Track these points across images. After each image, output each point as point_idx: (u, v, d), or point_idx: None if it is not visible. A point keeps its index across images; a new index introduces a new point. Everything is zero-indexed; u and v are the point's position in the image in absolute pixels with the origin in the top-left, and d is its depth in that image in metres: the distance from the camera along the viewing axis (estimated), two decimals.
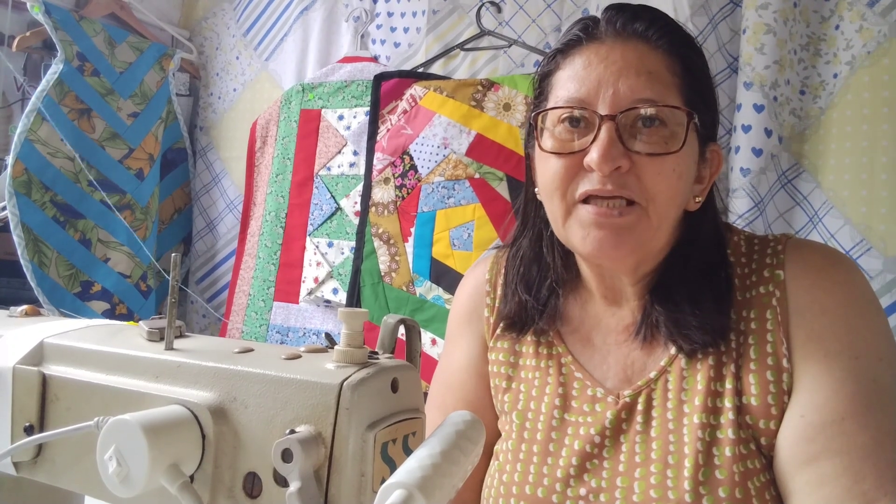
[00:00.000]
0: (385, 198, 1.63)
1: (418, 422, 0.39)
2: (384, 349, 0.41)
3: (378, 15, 1.76)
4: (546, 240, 0.74)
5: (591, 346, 0.72)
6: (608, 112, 0.60)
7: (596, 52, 0.63)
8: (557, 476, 0.67)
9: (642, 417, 0.66)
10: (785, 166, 1.27)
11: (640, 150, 0.60)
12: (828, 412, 0.57)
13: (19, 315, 0.54)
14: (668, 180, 0.61)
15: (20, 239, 1.56)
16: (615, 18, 0.65)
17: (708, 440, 0.61)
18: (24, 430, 0.44)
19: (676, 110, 0.61)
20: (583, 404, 0.70)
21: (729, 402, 0.62)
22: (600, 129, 0.60)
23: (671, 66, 0.63)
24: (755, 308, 0.64)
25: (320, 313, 1.73)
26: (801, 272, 0.64)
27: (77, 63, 1.70)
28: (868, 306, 0.62)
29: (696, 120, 0.62)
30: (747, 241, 0.69)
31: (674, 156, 0.61)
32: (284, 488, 0.34)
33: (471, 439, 0.36)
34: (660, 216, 0.62)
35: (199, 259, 2.02)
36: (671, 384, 0.66)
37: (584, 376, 0.71)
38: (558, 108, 0.64)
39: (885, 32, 1.18)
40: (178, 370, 0.40)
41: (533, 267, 0.76)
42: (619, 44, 0.63)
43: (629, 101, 0.60)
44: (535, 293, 0.75)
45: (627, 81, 0.61)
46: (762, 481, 0.60)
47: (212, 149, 2.02)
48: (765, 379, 0.62)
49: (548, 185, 0.65)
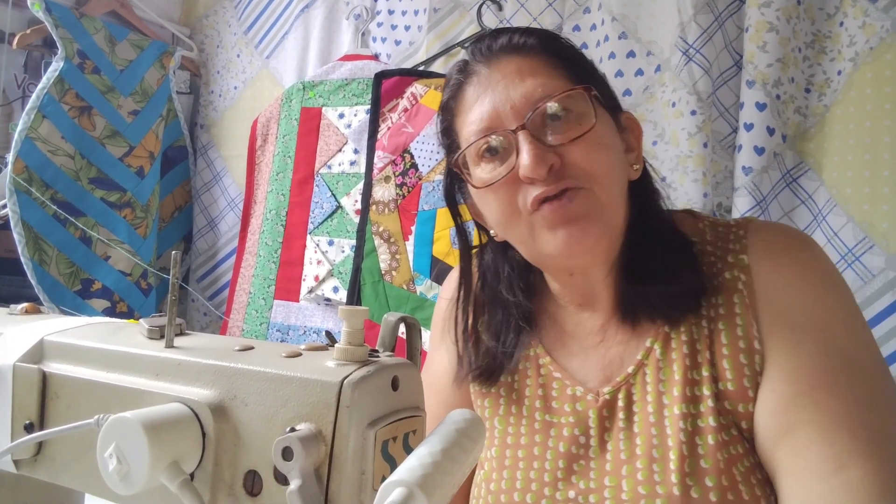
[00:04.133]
0: (386, 196, 1.63)
1: (419, 420, 0.39)
2: (384, 347, 0.41)
3: (379, 13, 1.76)
4: (504, 281, 0.74)
5: (570, 352, 0.72)
6: (517, 123, 0.62)
7: (478, 83, 0.66)
8: (545, 480, 0.67)
9: (624, 414, 0.66)
10: (790, 164, 1.26)
11: (561, 142, 0.62)
12: (798, 384, 0.58)
13: (19, 313, 0.54)
14: (598, 154, 0.62)
15: (20, 237, 1.56)
16: (479, 46, 0.68)
17: (690, 430, 0.62)
18: (25, 427, 0.44)
19: (573, 93, 0.63)
20: (564, 404, 0.70)
21: (707, 389, 0.62)
22: (518, 141, 0.62)
23: (548, 62, 0.65)
24: (723, 294, 0.65)
25: (321, 311, 1.73)
26: (764, 254, 0.64)
27: (77, 60, 1.70)
28: (831, 279, 0.63)
29: (594, 92, 0.64)
30: (712, 228, 0.69)
31: (592, 132, 0.62)
32: (285, 486, 0.34)
33: (472, 437, 0.36)
34: (607, 192, 0.63)
35: (201, 257, 2.02)
36: (649, 377, 0.66)
37: (563, 376, 0.71)
38: (472, 145, 0.65)
39: (887, 28, 1.17)
40: (179, 368, 0.40)
41: (496, 312, 0.75)
42: (493, 65, 0.66)
43: (529, 106, 0.62)
44: (504, 337, 0.74)
45: (518, 91, 0.63)
46: (746, 466, 0.60)
47: (212, 147, 2.02)
48: (738, 363, 0.62)
49: (499, 215, 0.66)
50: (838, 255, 1.19)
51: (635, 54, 1.40)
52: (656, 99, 1.38)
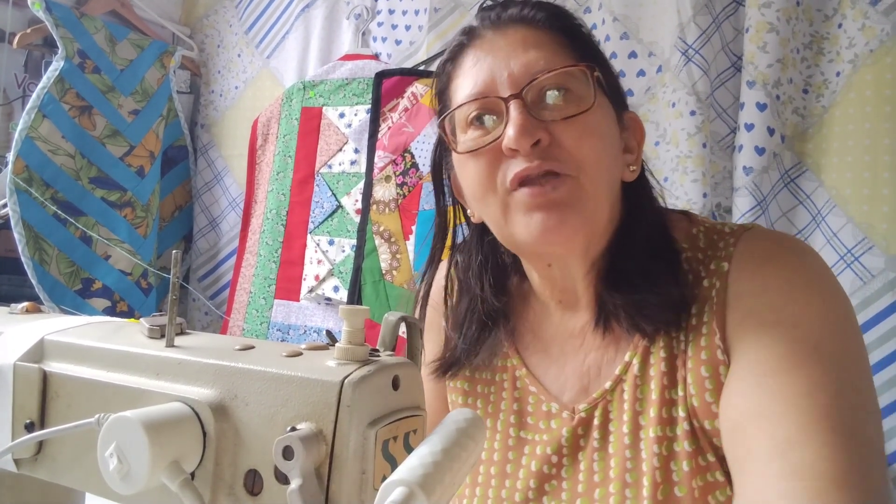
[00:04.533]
0: (386, 196, 1.63)
1: (419, 419, 0.39)
2: (385, 347, 0.41)
3: (379, 12, 1.76)
4: (474, 269, 0.70)
5: (549, 357, 0.69)
6: (511, 92, 0.59)
7: (480, 47, 0.63)
8: (516, 500, 0.65)
9: (599, 433, 0.63)
10: (788, 165, 1.27)
11: (554, 118, 0.58)
12: (755, 371, 0.53)
13: (20, 312, 0.54)
14: (591, 140, 0.59)
15: (21, 236, 1.56)
16: (489, 13, 0.65)
17: (665, 454, 0.58)
18: (25, 427, 0.44)
19: (575, 70, 0.60)
20: (538, 421, 0.67)
21: (682, 410, 0.58)
22: (508, 109, 0.58)
23: (555, 38, 0.62)
24: (697, 303, 0.60)
25: (321, 311, 1.73)
26: (748, 261, 0.59)
27: (78, 60, 1.70)
28: (820, 284, 0.57)
29: (597, 73, 0.60)
30: (706, 234, 0.64)
31: (588, 114, 0.59)
32: (285, 486, 0.34)
33: (472, 437, 0.36)
34: (593, 183, 0.59)
35: (202, 257, 2.02)
36: (626, 394, 0.62)
37: (538, 390, 0.67)
38: (462, 106, 0.62)
39: (888, 31, 1.18)
40: (179, 367, 0.40)
41: (462, 300, 0.71)
42: (499, 33, 0.63)
43: (527, 76, 0.59)
44: (465, 329, 0.70)
45: (519, 60, 0.60)
46: (728, 495, 0.56)
47: (213, 146, 2.02)
48: (699, 376, 0.58)
49: (475, 187, 0.62)
50: (837, 256, 1.19)
51: (637, 55, 1.40)
52: (658, 100, 1.38)
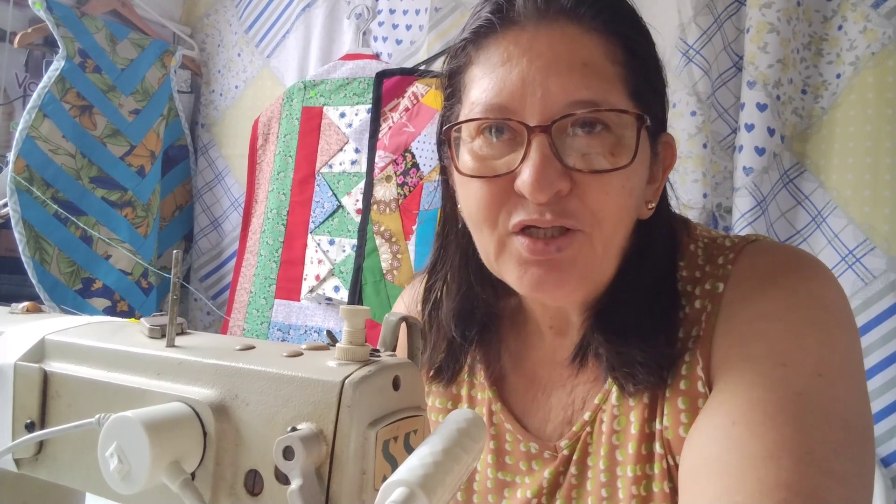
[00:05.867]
0: (387, 196, 1.63)
1: (420, 420, 0.39)
2: (386, 347, 0.41)
3: (380, 12, 1.76)
4: (474, 267, 0.61)
5: (536, 384, 0.62)
6: (539, 122, 0.48)
7: (515, 42, 0.50)
8: None
9: (577, 469, 0.58)
10: (787, 165, 1.27)
11: (581, 168, 0.49)
12: (727, 415, 0.45)
13: (20, 312, 0.54)
14: (617, 199, 0.50)
15: (21, 236, 1.56)
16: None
17: (644, 495, 0.53)
18: (26, 426, 0.44)
19: (624, 116, 0.50)
20: (518, 461, 0.61)
21: (660, 446, 0.52)
22: (530, 144, 0.48)
23: (611, 53, 0.50)
24: (683, 327, 0.53)
25: (321, 311, 1.73)
26: (744, 280, 0.52)
27: (79, 60, 1.70)
28: (824, 318, 0.49)
29: (647, 124, 0.51)
30: (705, 250, 0.57)
31: (623, 171, 0.49)
32: (286, 486, 0.34)
33: (473, 437, 0.36)
34: (606, 242, 0.51)
35: (204, 257, 2.02)
36: (605, 426, 0.56)
37: (514, 428, 0.61)
38: (474, 121, 0.52)
39: (889, 34, 1.18)
40: (180, 367, 0.40)
41: (464, 300, 0.63)
42: (543, 28, 0.50)
43: (563, 104, 0.48)
44: (465, 331, 0.63)
45: (559, 79, 0.48)
46: None
47: (213, 146, 2.02)
48: (676, 408, 0.52)
49: (473, 215, 0.54)
50: (839, 257, 1.19)
51: None
52: None
